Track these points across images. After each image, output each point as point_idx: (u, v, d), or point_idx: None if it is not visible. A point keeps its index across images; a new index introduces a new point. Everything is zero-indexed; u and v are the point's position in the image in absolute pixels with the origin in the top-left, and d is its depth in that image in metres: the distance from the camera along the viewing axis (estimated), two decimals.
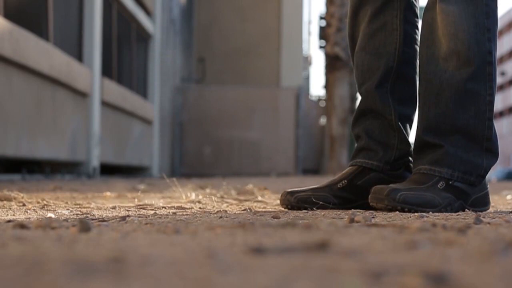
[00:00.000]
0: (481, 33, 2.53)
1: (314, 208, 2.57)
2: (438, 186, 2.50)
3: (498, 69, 66.87)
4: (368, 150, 2.74)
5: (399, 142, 2.73)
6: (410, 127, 2.79)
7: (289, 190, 2.65)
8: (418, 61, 2.75)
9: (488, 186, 2.63)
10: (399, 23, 2.73)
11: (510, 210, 2.65)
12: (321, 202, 2.60)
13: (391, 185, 2.50)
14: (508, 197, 4.28)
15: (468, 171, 2.54)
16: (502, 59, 68.11)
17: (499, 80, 68.01)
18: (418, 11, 2.79)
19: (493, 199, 3.99)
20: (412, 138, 2.77)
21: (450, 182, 2.52)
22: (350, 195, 2.66)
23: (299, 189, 2.66)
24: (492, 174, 42.76)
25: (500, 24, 69.13)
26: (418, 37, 2.76)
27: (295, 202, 2.60)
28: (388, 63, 2.73)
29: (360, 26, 2.79)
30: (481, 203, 2.58)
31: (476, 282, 0.88)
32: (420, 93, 2.63)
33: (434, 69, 2.57)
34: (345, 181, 2.69)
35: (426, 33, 2.61)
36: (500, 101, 68.72)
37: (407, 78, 2.76)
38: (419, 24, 2.76)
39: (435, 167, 2.54)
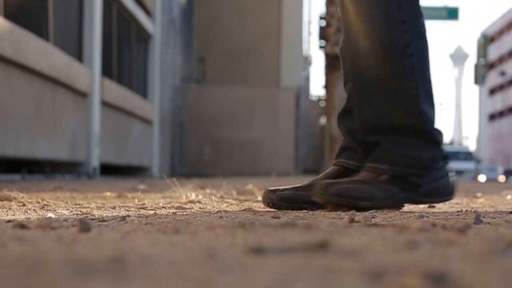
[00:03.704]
0: (394, 27, 2.50)
1: (302, 208, 2.53)
2: (380, 179, 2.51)
3: (498, 69, 66.42)
4: (349, 149, 2.70)
5: None
6: None
7: (271, 188, 2.61)
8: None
9: (449, 175, 2.60)
10: None
11: (510, 210, 2.65)
12: (305, 205, 2.54)
13: (329, 180, 2.51)
14: (508, 197, 4.28)
15: (410, 164, 2.53)
16: (502, 59, 67.72)
17: (499, 80, 67.52)
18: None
19: (493, 199, 3.99)
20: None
21: (394, 175, 2.52)
22: None
23: (281, 187, 2.61)
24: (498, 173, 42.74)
25: (500, 24, 68.70)
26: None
27: (277, 200, 2.55)
28: None
29: None
30: (441, 193, 2.57)
31: (476, 282, 0.88)
32: (354, 94, 2.62)
33: (359, 70, 2.57)
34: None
35: (345, 31, 2.60)
36: (500, 101, 68.33)
37: None
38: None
39: (376, 164, 2.54)
